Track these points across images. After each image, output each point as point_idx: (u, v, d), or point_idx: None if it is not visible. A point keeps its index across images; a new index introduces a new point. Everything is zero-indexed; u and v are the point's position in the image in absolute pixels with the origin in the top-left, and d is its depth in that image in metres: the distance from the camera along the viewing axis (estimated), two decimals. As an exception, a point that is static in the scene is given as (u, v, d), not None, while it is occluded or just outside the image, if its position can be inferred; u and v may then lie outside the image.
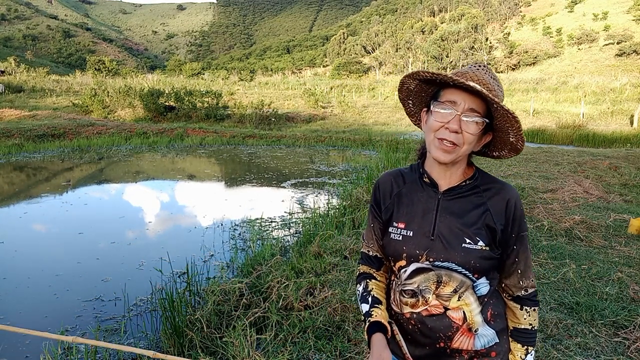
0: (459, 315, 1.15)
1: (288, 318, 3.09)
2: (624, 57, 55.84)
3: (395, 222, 1.21)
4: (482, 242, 1.13)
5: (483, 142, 1.18)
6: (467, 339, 1.15)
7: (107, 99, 24.66)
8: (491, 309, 1.18)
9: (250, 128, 19.76)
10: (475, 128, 1.10)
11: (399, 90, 1.23)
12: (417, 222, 1.18)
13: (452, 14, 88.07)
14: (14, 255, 5.04)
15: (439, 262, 1.13)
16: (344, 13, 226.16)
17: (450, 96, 1.11)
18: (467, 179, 1.18)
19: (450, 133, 1.10)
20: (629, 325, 2.89)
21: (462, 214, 1.15)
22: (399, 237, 1.19)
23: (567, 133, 16.37)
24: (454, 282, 1.13)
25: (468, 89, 1.08)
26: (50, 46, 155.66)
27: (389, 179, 1.28)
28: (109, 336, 3.24)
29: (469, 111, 1.09)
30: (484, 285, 1.16)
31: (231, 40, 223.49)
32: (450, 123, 1.10)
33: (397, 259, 1.20)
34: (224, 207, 7.17)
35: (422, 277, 1.15)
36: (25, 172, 10.61)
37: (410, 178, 1.25)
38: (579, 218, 5.15)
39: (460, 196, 1.17)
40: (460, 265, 1.12)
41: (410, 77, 1.17)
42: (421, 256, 1.15)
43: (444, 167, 1.17)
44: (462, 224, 1.14)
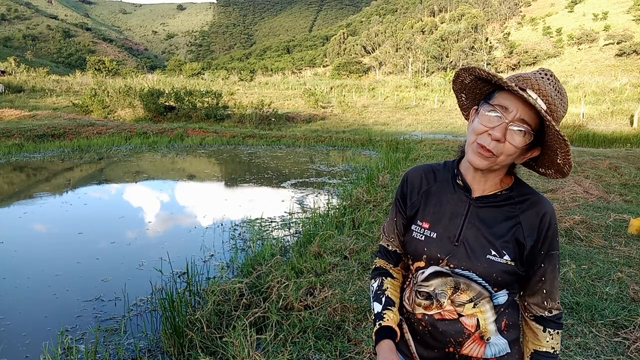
0: (472, 322, 1.11)
1: (288, 318, 3.09)
2: (624, 57, 55.85)
3: (419, 221, 1.17)
4: (507, 257, 1.08)
5: (528, 156, 1.10)
6: (478, 346, 1.12)
7: (107, 99, 24.66)
8: (506, 319, 1.14)
9: (250, 128, 19.76)
10: (520, 140, 1.03)
11: (454, 82, 1.17)
12: (443, 224, 1.13)
13: (452, 14, 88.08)
14: (13, 255, 5.03)
15: (460, 270, 1.10)
16: (344, 13, 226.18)
17: (503, 101, 1.04)
18: (504, 189, 1.12)
19: (492, 141, 1.03)
20: (629, 325, 2.89)
21: (492, 224, 1.10)
22: (421, 237, 1.15)
23: (567, 133, 16.36)
24: (472, 291, 1.10)
25: (524, 97, 1.00)
26: (50, 46, 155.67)
27: (419, 173, 1.22)
28: (109, 336, 3.24)
29: (518, 121, 1.02)
30: (502, 296, 1.12)
31: (231, 40, 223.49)
32: (495, 130, 1.03)
33: (416, 259, 1.16)
34: (224, 207, 7.17)
35: (439, 281, 1.12)
36: (25, 172, 10.61)
37: (442, 176, 1.20)
38: (579, 218, 5.15)
39: (492, 205, 1.12)
40: (481, 277, 1.08)
41: (466, 71, 1.11)
42: (442, 260, 1.11)
43: (480, 172, 1.11)
44: (490, 235, 1.09)
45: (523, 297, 1.16)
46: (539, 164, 1.15)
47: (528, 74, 1.04)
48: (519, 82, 1.03)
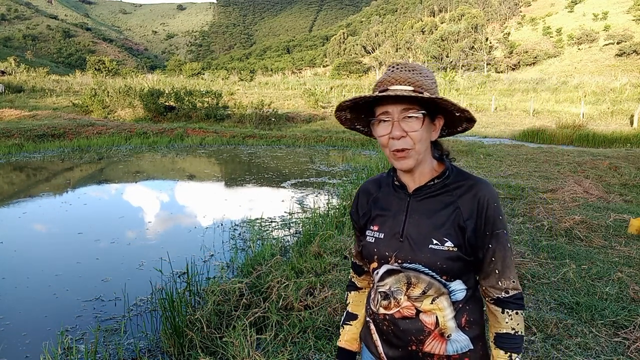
0: (431, 319, 1.13)
1: (288, 318, 3.09)
2: (624, 57, 55.84)
3: (371, 226, 1.23)
4: (450, 243, 1.11)
5: (438, 127, 1.17)
6: (439, 343, 1.14)
7: (107, 99, 24.65)
8: (467, 315, 1.15)
9: (250, 128, 19.76)
10: (417, 124, 1.10)
11: (343, 124, 1.25)
12: (389, 224, 1.19)
13: (452, 14, 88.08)
14: (13, 255, 5.04)
15: (407, 264, 1.14)
16: (344, 13, 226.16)
17: (382, 109, 1.12)
18: (436, 177, 1.17)
19: (399, 141, 1.10)
20: (629, 325, 2.89)
21: (431, 214, 1.14)
22: (372, 239, 1.21)
23: (567, 133, 16.36)
24: (422, 283, 1.12)
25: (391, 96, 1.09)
26: (50, 46, 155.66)
27: (367, 186, 1.30)
28: (109, 336, 3.24)
29: (403, 112, 1.10)
30: (460, 291, 1.14)
31: (231, 40, 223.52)
32: (393, 131, 1.10)
33: (370, 261, 1.22)
34: (224, 207, 7.17)
35: (393, 279, 1.16)
36: (25, 172, 10.61)
37: (385, 182, 1.27)
38: (579, 218, 5.15)
39: (429, 196, 1.16)
40: (426, 267, 1.11)
41: (339, 110, 1.20)
42: (390, 258, 1.16)
43: (410, 172, 1.18)
44: (430, 224, 1.13)
45: (480, 282, 1.19)
46: (451, 126, 1.23)
47: (382, 76, 1.13)
48: (379, 88, 1.12)
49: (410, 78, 1.09)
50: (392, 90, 1.09)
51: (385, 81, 1.11)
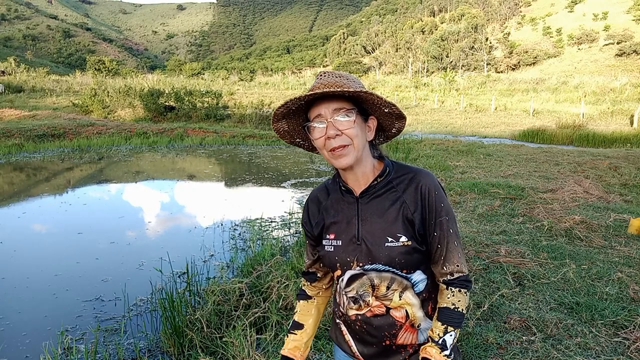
0: (401, 314, 1.18)
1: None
2: (624, 57, 55.85)
3: (326, 235, 1.24)
4: (404, 238, 1.14)
5: (372, 128, 1.20)
6: (411, 334, 1.19)
7: (107, 99, 24.65)
8: (431, 303, 1.21)
9: (250, 128, 19.76)
10: (349, 122, 1.12)
11: (282, 138, 1.27)
12: (344, 230, 1.20)
13: (452, 14, 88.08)
14: (12, 255, 5.04)
15: (368, 266, 1.16)
16: (344, 13, 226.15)
17: (314, 112, 1.15)
18: (378, 176, 1.19)
19: (334, 139, 1.12)
20: (629, 325, 2.89)
21: (381, 213, 1.17)
22: (331, 247, 1.22)
23: (567, 133, 16.35)
24: (385, 280, 1.16)
25: (325, 98, 1.12)
26: (50, 46, 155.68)
27: (315, 195, 1.31)
28: (109, 336, 3.24)
29: (334, 112, 1.12)
30: (422, 282, 1.18)
31: (231, 40, 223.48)
32: (328, 131, 1.12)
33: (333, 269, 1.24)
34: (224, 207, 7.17)
35: (357, 283, 1.18)
36: (25, 172, 10.61)
37: (332, 189, 1.28)
38: (579, 218, 5.15)
39: (376, 196, 1.19)
40: (386, 265, 1.15)
41: (274, 120, 1.21)
42: (352, 263, 1.18)
43: (351, 171, 1.19)
44: (382, 223, 1.16)
45: (433, 270, 1.21)
46: (386, 128, 1.25)
47: (312, 85, 1.15)
48: (309, 93, 1.12)
49: (338, 82, 1.12)
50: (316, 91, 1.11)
51: (315, 87, 1.13)
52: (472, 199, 6.56)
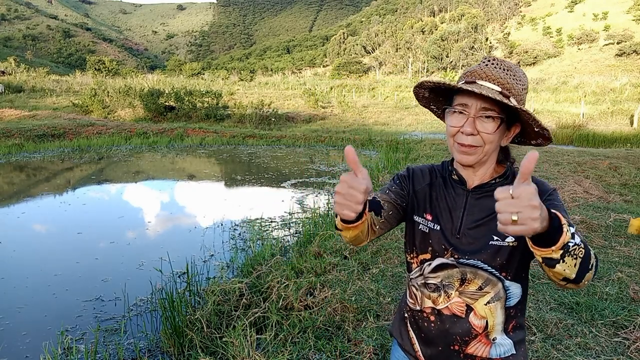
0: (480, 323, 1.11)
1: (288, 318, 3.09)
2: (624, 57, 55.85)
3: (423, 213, 1.19)
4: (511, 238, 1.08)
5: (511, 134, 1.13)
6: (484, 346, 1.12)
7: (107, 99, 24.65)
8: (515, 321, 1.15)
9: (250, 128, 19.76)
10: (491, 126, 1.06)
11: (418, 100, 1.22)
12: (445, 217, 1.15)
13: (452, 14, 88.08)
14: (12, 255, 5.03)
15: (464, 260, 1.11)
16: (344, 13, 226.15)
17: (461, 99, 1.09)
18: (497, 176, 1.15)
19: (467, 136, 1.07)
20: (629, 325, 2.89)
21: (490, 211, 1.10)
22: (425, 229, 1.17)
23: (567, 133, 16.36)
24: (479, 279, 1.10)
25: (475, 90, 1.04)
26: (50, 46, 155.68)
27: (422, 169, 1.26)
28: (109, 336, 3.24)
29: (481, 110, 1.06)
30: (516, 297, 1.13)
31: (231, 40, 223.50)
32: (465, 126, 1.07)
33: (422, 252, 1.17)
34: (224, 207, 7.17)
35: (445, 273, 1.13)
36: (25, 172, 10.61)
37: (441, 174, 1.23)
38: (579, 218, 5.15)
39: (489, 194, 1.13)
40: (486, 263, 1.09)
41: (419, 87, 1.16)
42: (447, 252, 1.13)
43: (471, 168, 1.14)
44: (490, 221, 1.10)
45: None
46: (526, 137, 1.17)
47: (474, 66, 1.08)
48: (467, 78, 1.07)
49: (502, 78, 1.05)
50: (479, 85, 1.05)
51: (475, 73, 1.07)
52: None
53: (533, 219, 0.78)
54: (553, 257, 0.87)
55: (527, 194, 0.78)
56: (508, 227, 0.80)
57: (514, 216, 0.79)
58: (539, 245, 0.87)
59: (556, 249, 0.86)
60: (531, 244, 0.89)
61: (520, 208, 0.78)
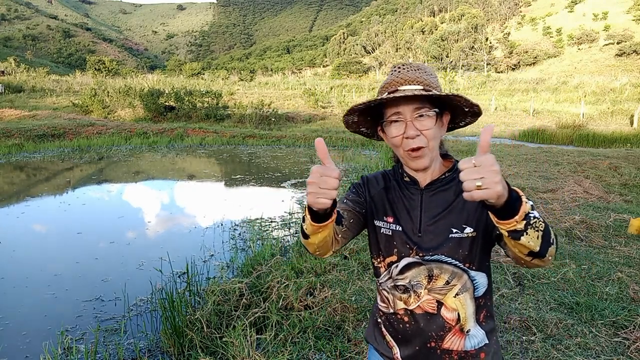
0: (452, 316, 1.14)
1: (288, 318, 3.09)
2: (624, 57, 55.86)
3: (384, 216, 1.21)
4: (469, 229, 1.12)
5: (445, 124, 1.19)
6: (459, 339, 1.15)
7: (107, 99, 24.65)
8: (485, 311, 1.18)
9: (250, 128, 19.76)
10: (430, 122, 1.11)
11: (348, 127, 1.25)
12: (404, 218, 1.18)
13: (452, 14, 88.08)
14: (12, 255, 5.03)
15: (429, 256, 1.14)
16: (344, 13, 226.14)
17: (392, 110, 1.13)
18: (447, 171, 1.19)
19: (413, 140, 1.10)
20: (629, 325, 2.89)
21: (446, 205, 1.15)
22: (388, 231, 1.19)
23: (567, 133, 16.36)
24: (445, 273, 1.13)
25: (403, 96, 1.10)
26: (50, 46, 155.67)
27: (376, 175, 1.29)
28: (109, 336, 3.24)
29: (415, 111, 1.11)
30: (482, 286, 1.16)
31: (231, 40, 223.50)
32: (407, 131, 1.11)
33: (388, 254, 1.20)
34: (224, 207, 7.17)
35: (413, 272, 1.15)
36: (25, 172, 10.61)
37: (394, 178, 1.26)
38: (579, 218, 5.15)
39: (441, 189, 1.17)
40: (449, 256, 1.13)
41: (349, 114, 1.19)
42: (411, 251, 1.16)
43: (423, 172, 1.18)
44: (447, 214, 1.14)
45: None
46: (456, 120, 1.24)
47: (388, 78, 1.14)
48: (388, 89, 1.13)
49: (418, 77, 1.11)
50: (403, 90, 1.09)
51: (394, 82, 1.11)
52: (472, 199, 6.56)
53: (495, 182, 0.83)
54: (517, 228, 0.90)
55: (488, 160, 0.84)
56: (473, 193, 0.84)
57: (477, 182, 0.83)
58: (503, 218, 0.90)
59: (519, 219, 0.89)
60: (496, 219, 0.91)
61: (483, 174, 0.83)
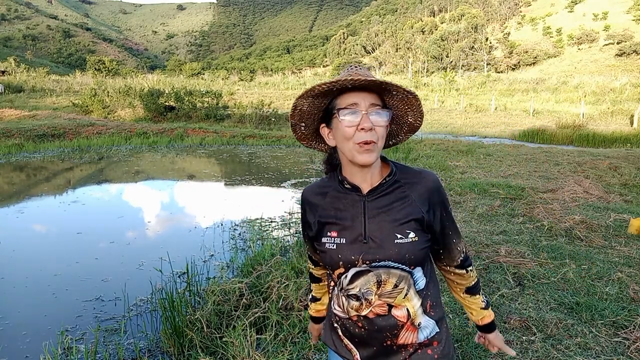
0: (402, 313, 1.18)
1: (288, 318, 3.09)
2: (624, 57, 55.84)
3: (328, 232, 1.22)
4: (412, 234, 1.16)
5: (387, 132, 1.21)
6: (412, 333, 1.19)
7: (107, 99, 24.65)
8: (430, 301, 1.22)
9: (250, 128, 19.76)
10: (383, 120, 1.14)
11: (291, 116, 1.24)
12: (348, 228, 1.19)
13: (452, 14, 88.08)
14: (11, 254, 5.03)
15: (376, 263, 1.16)
16: (344, 13, 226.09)
17: (349, 100, 1.13)
18: (387, 175, 1.20)
19: (366, 133, 1.11)
20: (629, 325, 2.89)
21: (389, 211, 1.17)
22: (333, 245, 1.20)
23: (567, 133, 16.36)
24: (393, 277, 1.16)
25: (363, 88, 1.12)
26: (50, 46, 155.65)
27: (311, 192, 1.29)
28: (109, 336, 3.24)
29: (371, 107, 1.12)
30: (421, 279, 1.20)
31: (231, 40, 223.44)
32: (362, 123, 1.11)
33: (335, 267, 1.21)
34: (224, 207, 7.17)
35: (362, 280, 1.17)
36: (25, 172, 10.61)
37: (330, 188, 1.26)
38: (579, 218, 5.15)
39: (383, 194, 1.19)
40: (396, 261, 1.15)
41: (304, 96, 1.17)
42: (357, 261, 1.17)
43: (366, 169, 1.18)
44: (391, 221, 1.16)
45: (441, 255, 1.28)
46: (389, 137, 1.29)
47: (344, 74, 1.15)
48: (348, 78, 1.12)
49: (372, 77, 1.12)
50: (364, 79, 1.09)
51: (351, 76, 1.11)
52: (472, 199, 6.56)
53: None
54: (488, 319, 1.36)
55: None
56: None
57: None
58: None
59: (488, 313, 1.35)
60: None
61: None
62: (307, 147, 1.34)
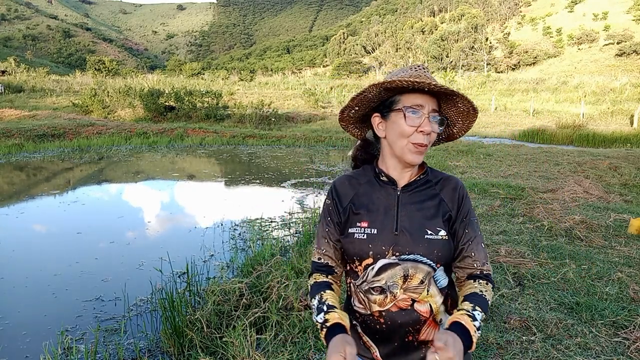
0: (425, 308, 1.19)
1: (288, 318, 3.09)
2: (624, 57, 55.81)
3: (357, 222, 1.23)
4: (442, 232, 1.19)
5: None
6: (433, 329, 1.20)
7: (107, 99, 24.63)
8: (450, 299, 1.25)
9: (250, 128, 19.75)
10: (438, 127, 1.18)
11: (353, 99, 1.24)
12: (380, 219, 1.21)
13: (452, 14, 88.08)
14: (11, 254, 5.03)
15: (405, 255, 1.17)
16: (344, 13, 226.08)
17: (415, 100, 1.16)
18: (421, 174, 1.26)
19: (424, 136, 1.16)
20: (629, 325, 2.89)
21: (421, 207, 1.21)
22: (363, 235, 1.20)
23: (567, 133, 16.36)
24: (421, 273, 1.17)
25: (428, 92, 1.16)
26: (50, 46, 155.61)
27: (344, 181, 1.30)
28: (109, 336, 3.24)
29: (432, 112, 1.17)
30: (443, 278, 1.22)
31: (231, 40, 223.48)
32: (423, 126, 1.15)
33: (364, 258, 1.20)
34: (224, 207, 7.17)
35: (389, 273, 1.18)
36: (25, 172, 10.61)
37: (364, 179, 1.29)
38: (579, 218, 5.15)
39: (416, 191, 1.23)
40: (425, 256, 1.17)
41: (377, 85, 1.16)
42: (387, 252, 1.18)
43: (409, 167, 1.23)
44: (423, 216, 1.20)
45: (456, 267, 1.26)
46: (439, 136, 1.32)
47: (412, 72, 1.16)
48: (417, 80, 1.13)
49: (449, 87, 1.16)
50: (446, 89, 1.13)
51: (420, 77, 1.14)
52: (472, 199, 6.56)
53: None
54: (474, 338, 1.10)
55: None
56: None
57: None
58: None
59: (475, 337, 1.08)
60: None
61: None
62: (343, 128, 1.37)
